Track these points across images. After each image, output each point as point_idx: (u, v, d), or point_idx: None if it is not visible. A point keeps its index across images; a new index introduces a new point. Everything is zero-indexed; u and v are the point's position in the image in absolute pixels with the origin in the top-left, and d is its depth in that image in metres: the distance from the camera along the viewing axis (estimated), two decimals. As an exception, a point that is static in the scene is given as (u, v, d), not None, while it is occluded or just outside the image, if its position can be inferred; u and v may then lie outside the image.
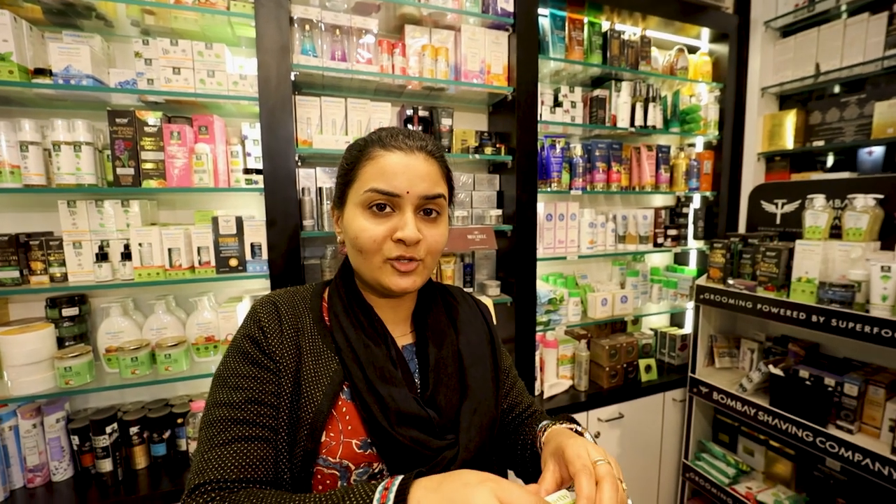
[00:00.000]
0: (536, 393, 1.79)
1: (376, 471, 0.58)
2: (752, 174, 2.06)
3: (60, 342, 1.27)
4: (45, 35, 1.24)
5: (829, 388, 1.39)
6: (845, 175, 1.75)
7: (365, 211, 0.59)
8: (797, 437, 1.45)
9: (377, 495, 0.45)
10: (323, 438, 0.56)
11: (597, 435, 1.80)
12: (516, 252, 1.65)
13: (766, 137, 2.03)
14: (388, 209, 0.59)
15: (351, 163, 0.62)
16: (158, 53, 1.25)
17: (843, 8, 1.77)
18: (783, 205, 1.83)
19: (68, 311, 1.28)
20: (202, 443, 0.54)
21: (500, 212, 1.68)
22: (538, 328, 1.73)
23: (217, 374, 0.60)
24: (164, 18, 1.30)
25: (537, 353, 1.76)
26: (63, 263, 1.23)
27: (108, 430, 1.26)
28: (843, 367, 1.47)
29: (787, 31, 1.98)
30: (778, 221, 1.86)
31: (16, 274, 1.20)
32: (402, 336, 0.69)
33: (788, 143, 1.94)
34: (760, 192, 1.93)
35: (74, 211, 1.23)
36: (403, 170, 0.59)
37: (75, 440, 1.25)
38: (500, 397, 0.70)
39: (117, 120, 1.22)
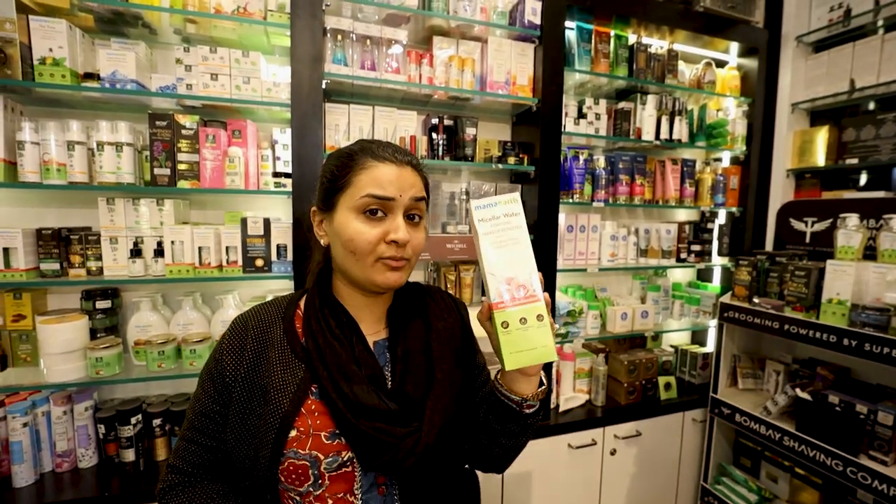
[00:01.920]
0: (552, 406, 1.77)
1: (345, 459, 0.63)
2: (781, 191, 2.01)
3: (93, 333, 1.32)
4: (95, 42, 1.32)
5: (862, 416, 1.33)
6: (880, 194, 1.69)
7: (360, 215, 0.65)
8: (826, 466, 1.39)
9: None
10: (293, 434, 0.62)
11: (612, 452, 1.76)
12: (536, 262, 1.64)
13: (795, 154, 1.99)
14: (380, 214, 0.65)
15: (342, 170, 0.67)
16: (198, 60, 1.31)
17: (881, 23, 1.72)
18: (813, 223, 1.78)
19: (101, 304, 1.34)
20: (182, 427, 0.69)
21: (520, 221, 1.67)
22: (555, 340, 1.72)
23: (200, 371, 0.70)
24: (204, 27, 1.36)
25: (554, 365, 1.74)
26: (99, 258, 1.28)
27: (133, 420, 1.31)
28: (877, 395, 1.41)
29: (820, 46, 1.94)
30: (808, 240, 1.80)
31: (56, 266, 1.26)
32: (377, 333, 0.73)
33: (819, 160, 1.88)
34: (790, 209, 1.89)
35: (113, 208, 1.29)
36: (396, 179, 0.65)
37: (101, 429, 1.30)
38: (471, 389, 0.76)
39: (157, 122, 1.28)
